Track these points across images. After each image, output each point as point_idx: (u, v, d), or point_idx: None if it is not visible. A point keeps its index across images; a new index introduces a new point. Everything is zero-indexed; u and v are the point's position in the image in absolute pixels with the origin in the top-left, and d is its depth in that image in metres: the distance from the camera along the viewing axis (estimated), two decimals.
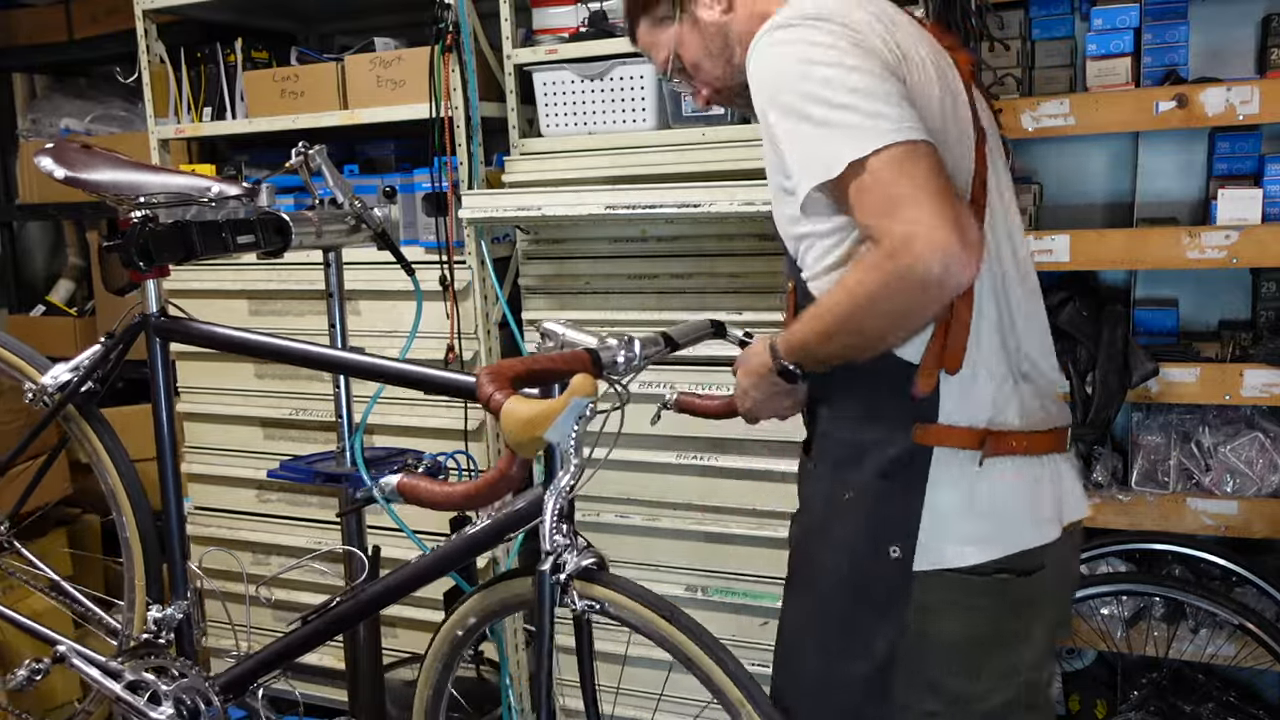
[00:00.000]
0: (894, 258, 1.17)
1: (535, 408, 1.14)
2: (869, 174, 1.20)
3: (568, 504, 1.44)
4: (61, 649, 1.94)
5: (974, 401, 1.36)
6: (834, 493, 1.43)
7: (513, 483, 1.21)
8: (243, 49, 2.92)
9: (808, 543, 1.50)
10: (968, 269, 1.17)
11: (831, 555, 1.43)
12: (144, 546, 2.00)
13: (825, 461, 1.46)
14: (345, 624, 1.80)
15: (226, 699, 1.84)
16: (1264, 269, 2.40)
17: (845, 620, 1.43)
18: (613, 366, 1.44)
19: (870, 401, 1.40)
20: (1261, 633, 2.17)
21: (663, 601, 1.46)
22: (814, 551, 1.47)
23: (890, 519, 1.38)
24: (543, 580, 1.43)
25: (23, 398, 2.01)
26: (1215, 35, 2.46)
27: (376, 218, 2.07)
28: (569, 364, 1.35)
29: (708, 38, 1.47)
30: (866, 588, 1.40)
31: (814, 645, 1.47)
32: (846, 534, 1.41)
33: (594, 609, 1.46)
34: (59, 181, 1.85)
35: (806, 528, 1.52)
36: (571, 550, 1.45)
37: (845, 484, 1.42)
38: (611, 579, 1.47)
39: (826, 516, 1.45)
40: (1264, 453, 2.33)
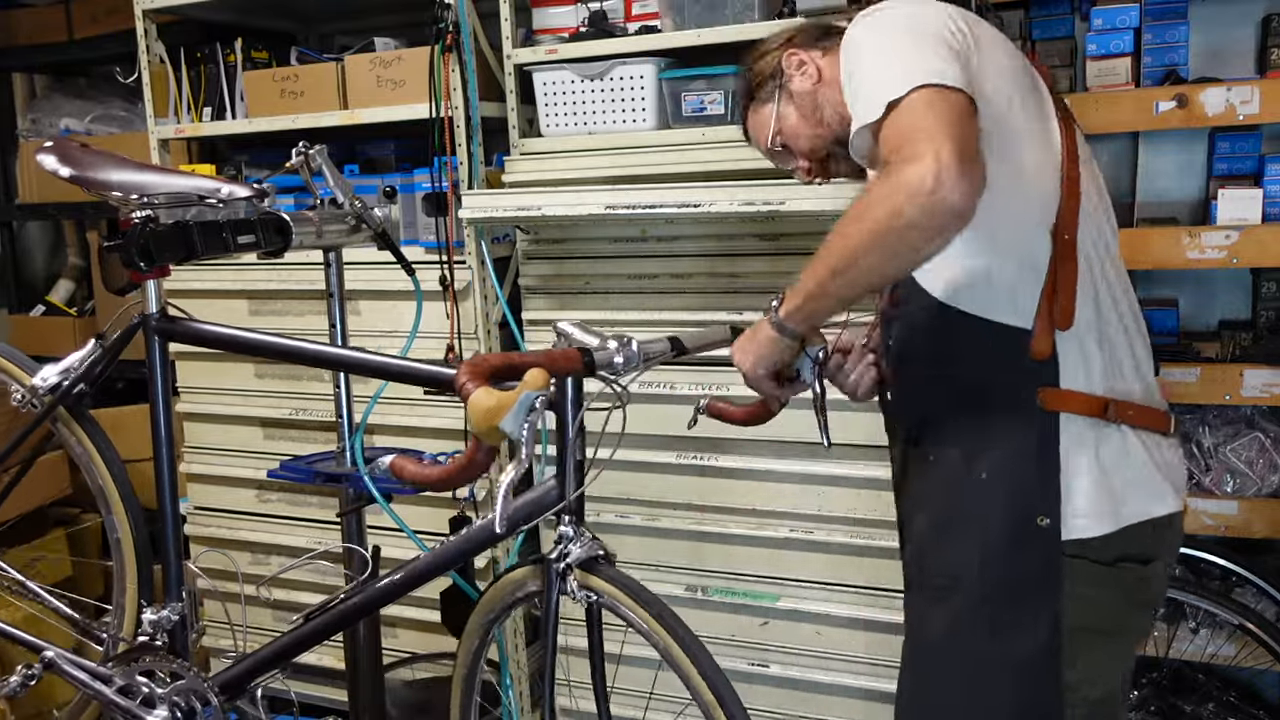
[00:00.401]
0: (895, 174, 1.20)
1: (495, 399, 1.23)
2: (899, 112, 1.25)
3: (577, 500, 1.53)
4: (49, 655, 1.93)
5: (1091, 367, 1.38)
6: (966, 476, 1.42)
7: (480, 467, 1.30)
8: (243, 49, 2.92)
9: (940, 535, 1.46)
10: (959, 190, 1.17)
11: (975, 540, 1.41)
12: (136, 547, 2.00)
13: (948, 446, 1.45)
14: (344, 623, 1.80)
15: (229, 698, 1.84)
16: (1264, 269, 2.40)
17: (1003, 604, 1.40)
18: (608, 366, 1.46)
19: (989, 376, 1.40)
20: (1261, 633, 2.17)
21: (650, 596, 1.50)
22: (951, 541, 1.44)
23: (1033, 490, 1.38)
24: (549, 567, 1.52)
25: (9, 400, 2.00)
26: (1215, 35, 2.46)
27: (377, 218, 2.07)
28: (556, 361, 1.41)
29: (801, 105, 1.57)
30: (1019, 564, 1.39)
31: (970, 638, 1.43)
32: (989, 513, 1.40)
33: (591, 599, 1.52)
34: (63, 179, 1.84)
35: (935, 521, 1.47)
36: (577, 542, 1.52)
37: (977, 463, 1.41)
38: (608, 572, 1.52)
39: (960, 502, 1.43)
40: (1264, 453, 2.33)
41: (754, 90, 1.62)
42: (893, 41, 1.34)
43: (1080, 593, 1.39)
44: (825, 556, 2.40)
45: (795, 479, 2.38)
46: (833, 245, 1.28)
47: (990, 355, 1.40)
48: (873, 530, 2.37)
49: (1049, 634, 1.38)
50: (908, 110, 1.25)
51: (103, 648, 2.06)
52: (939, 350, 1.43)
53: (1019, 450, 1.38)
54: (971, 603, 1.42)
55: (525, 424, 1.24)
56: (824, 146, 1.57)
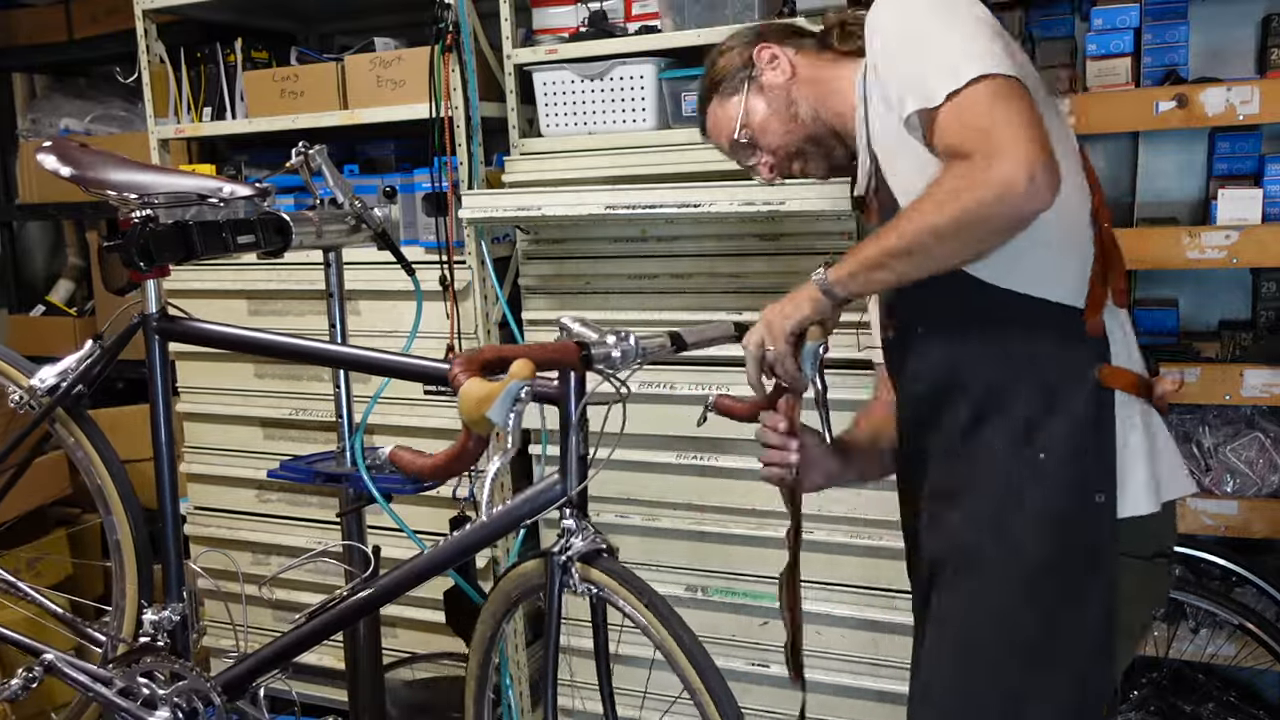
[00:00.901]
0: (984, 169, 1.22)
1: (484, 389, 1.28)
2: (966, 102, 1.26)
3: (579, 494, 1.56)
4: (49, 657, 1.93)
5: (1130, 346, 1.44)
6: (1022, 460, 1.40)
7: (471, 456, 1.35)
8: (243, 49, 2.92)
9: (990, 524, 1.42)
10: (1048, 191, 1.23)
11: (1032, 522, 1.39)
12: (136, 548, 2.00)
13: (1003, 430, 1.42)
14: (345, 623, 1.80)
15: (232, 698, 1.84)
16: (1264, 269, 2.40)
17: (1059, 584, 1.40)
18: (606, 361, 1.47)
19: (1049, 355, 1.40)
20: (1261, 633, 2.17)
21: (647, 590, 1.52)
22: (1004, 528, 1.41)
23: (1090, 466, 1.38)
24: (552, 560, 1.54)
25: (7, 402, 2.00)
26: (1215, 35, 2.46)
27: (377, 218, 2.07)
28: (554, 355, 1.44)
29: (772, 100, 1.56)
30: (1076, 545, 1.39)
31: (1027, 618, 1.41)
32: (1049, 495, 1.39)
33: (591, 593, 1.54)
34: (64, 179, 1.84)
35: (983, 511, 1.43)
36: (579, 535, 1.54)
37: (1035, 446, 1.40)
38: (609, 565, 1.53)
39: (1016, 487, 1.41)
40: (1264, 453, 2.32)
41: (718, 84, 1.61)
42: (938, 24, 1.34)
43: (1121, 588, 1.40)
44: (825, 556, 2.40)
45: None
46: (906, 225, 1.29)
47: (1049, 334, 1.40)
48: (873, 530, 2.37)
49: (1103, 613, 1.39)
50: (975, 101, 1.26)
51: (102, 649, 2.06)
52: (994, 333, 1.41)
53: (1078, 426, 1.38)
54: (1026, 585, 1.40)
55: (512, 413, 1.27)
56: (794, 143, 1.56)
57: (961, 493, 1.46)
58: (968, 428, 1.44)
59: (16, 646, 2.08)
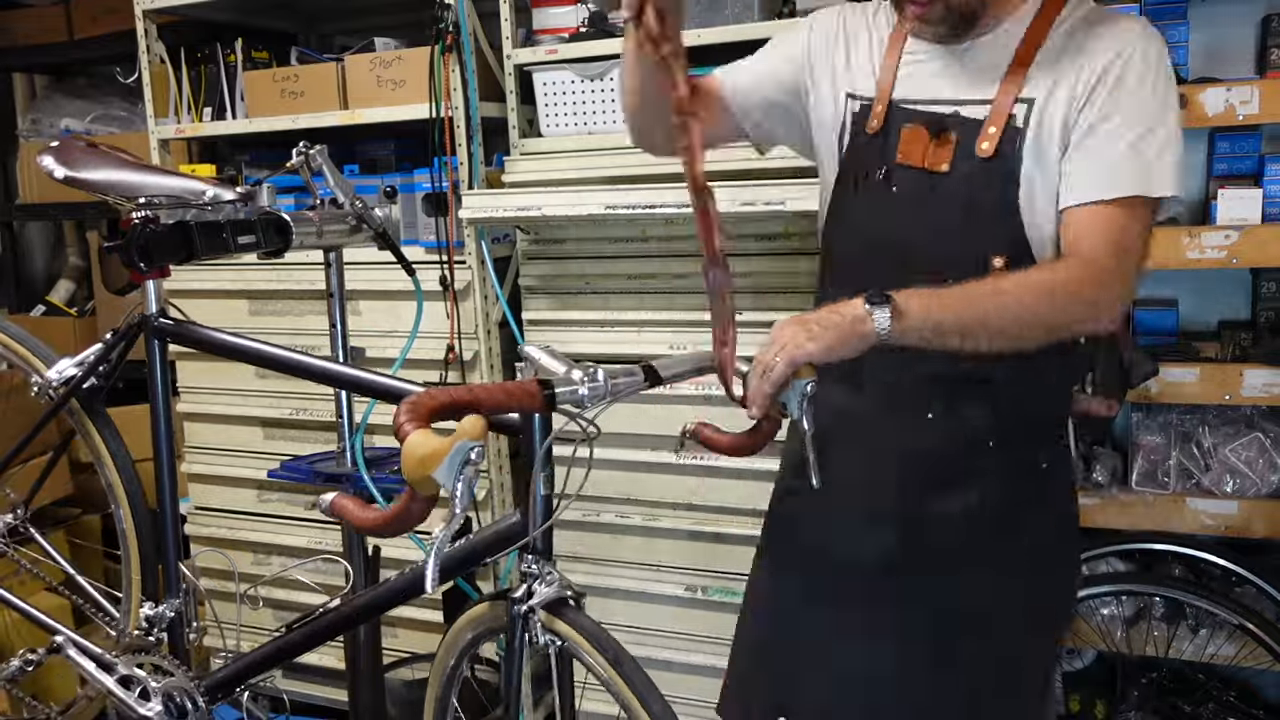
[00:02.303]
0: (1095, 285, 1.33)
1: (429, 446, 1.13)
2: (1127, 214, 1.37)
3: (542, 536, 1.43)
4: (59, 639, 1.94)
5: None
6: (1026, 467, 1.52)
7: (415, 518, 1.18)
8: (243, 49, 2.92)
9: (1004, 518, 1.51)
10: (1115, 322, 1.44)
11: (1047, 512, 1.56)
12: (139, 543, 2.01)
13: (1015, 439, 1.50)
14: (337, 630, 1.79)
15: (214, 699, 1.84)
16: (1264, 269, 2.40)
17: (1068, 564, 1.64)
18: (572, 399, 1.32)
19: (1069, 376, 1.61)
20: (1261, 633, 2.17)
21: (614, 646, 1.41)
22: (1021, 521, 1.52)
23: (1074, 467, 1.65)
24: (511, 606, 1.44)
25: (27, 394, 2.02)
26: (1215, 35, 2.46)
27: (377, 218, 2.07)
28: (512, 397, 1.29)
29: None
30: (1070, 529, 1.62)
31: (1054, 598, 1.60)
32: (1053, 493, 1.57)
33: (554, 644, 1.43)
34: (58, 181, 1.85)
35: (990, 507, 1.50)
36: (543, 582, 1.42)
37: (1039, 455, 1.54)
38: (573, 616, 1.43)
39: (1023, 489, 1.52)
40: (1264, 453, 2.32)
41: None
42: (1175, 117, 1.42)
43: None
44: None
45: None
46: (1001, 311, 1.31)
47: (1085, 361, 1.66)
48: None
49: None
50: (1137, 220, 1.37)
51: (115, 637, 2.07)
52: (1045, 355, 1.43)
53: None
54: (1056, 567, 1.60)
55: (460, 478, 1.13)
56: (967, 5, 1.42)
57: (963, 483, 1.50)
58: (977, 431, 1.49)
59: (34, 623, 2.09)
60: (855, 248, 1.54)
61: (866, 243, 1.52)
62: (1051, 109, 1.40)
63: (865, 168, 1.50)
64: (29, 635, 2.67)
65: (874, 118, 1.50)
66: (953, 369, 1.41)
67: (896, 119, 1.48)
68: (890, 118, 1.48)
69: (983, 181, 1.42)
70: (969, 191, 1.43)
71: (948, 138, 1.44)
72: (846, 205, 1.55)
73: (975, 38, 1.45)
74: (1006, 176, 1.41)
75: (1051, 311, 1.31)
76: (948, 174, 1.44)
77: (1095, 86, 1.38)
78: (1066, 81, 1.40)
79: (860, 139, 1.52)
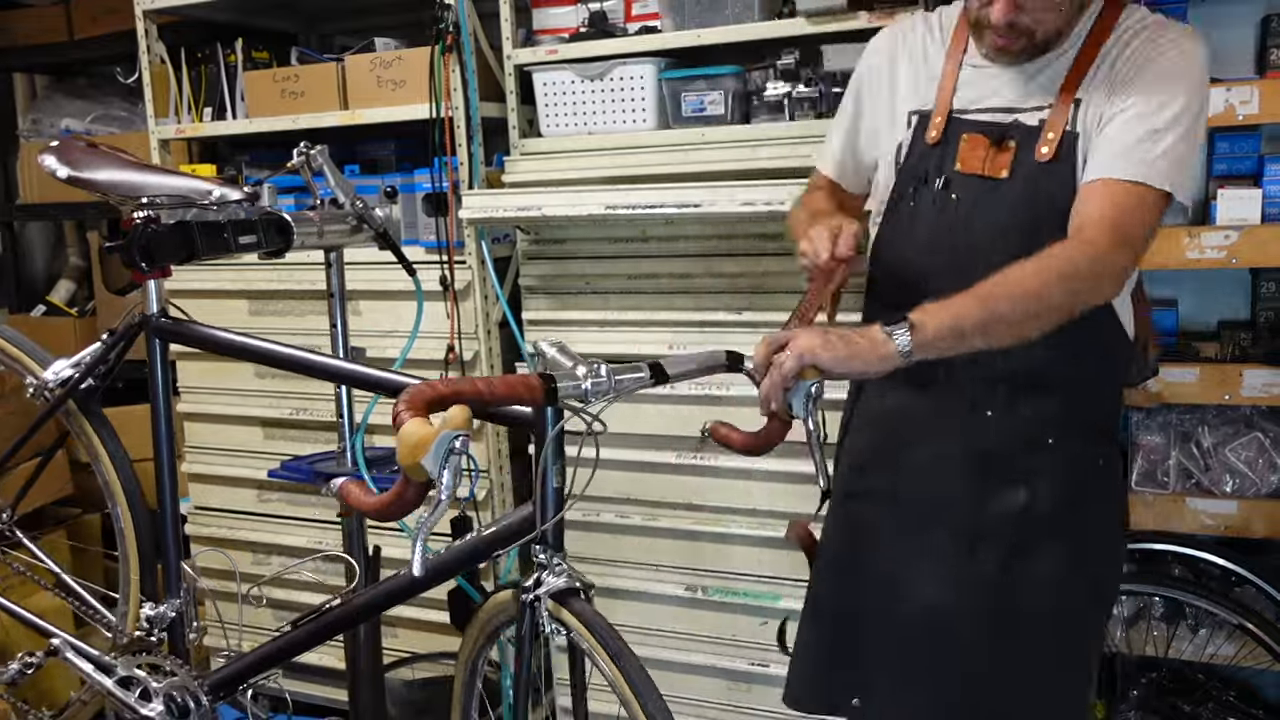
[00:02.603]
0: (1093, 262, 1.38)
1: (422, 432, 1.17)
2: (1142, 199, 1.42)
3: (553, 528, 1.46)
4: (56, 642, 1.94)
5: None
6: (1086, 464, 1.58)
7: (409, 504, 1.22)
8: (243, 49, 2.92)
9: (1061, 519, 1.56)
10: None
11: (1103, 511, 1.61)
12: (138, 544, 2.01)
13: (1074, 437, 1.57)
14: (337, 630, 1.79)
15: (216, 698, 1.84)
16: (1264, 269, 2.40)
17: (1120, 558, 1.70)
18: (575, 394, 1.35)
19: (1120, 375, 1.65)
20: (1261, 633, 2.17)
21: (616, 641, 1.42)
22: (1080, 521, 1.57)
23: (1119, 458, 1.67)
24: (519, 596, 1.46)
25: (24, 395, 2.02)
26: (1215, 35, 2.45)
27: (378, 218, 2.07)
28: (513, 390, 1.32)
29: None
30: (1122, 523, 1.69)
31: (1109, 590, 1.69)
32: (1110, 491, 1.63)
33: (559, 633, 1.45)
34: (61, 180, 1.85)
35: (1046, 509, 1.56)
36: (553, 572, 1.45)
37: (1098, 453, 1.59)
38: (579, 607, 1.44)
39: (1084, 486, 1.58)
40: (1264, 453, 2.32)
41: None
42: (1192, 121, 1.45)
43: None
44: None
45: (795, 479, 2.38)
46: (1013, 302, 1.36)
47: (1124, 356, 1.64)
48: None
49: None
50: (1145, 208, 1.42)
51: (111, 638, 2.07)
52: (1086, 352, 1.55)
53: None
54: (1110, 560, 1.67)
55: (445, 466, 1.16)
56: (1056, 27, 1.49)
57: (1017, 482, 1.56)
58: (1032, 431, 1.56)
59: (29, 626, 2.09)
60: (912, 253, 1.58)
61: (924, 247, 1.56)
62: (1097, 106, 1.47)
63: (925, 176, 1.56)
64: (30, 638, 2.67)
65: (933, 128, 1.56)
66: (1007, 367, 1.49)
67: (955, 129, 1.55)
68: (949, 128, 1.55)
69: (1043, 184, 1.49)
70: (1030, 195, 1.49)
71: (1008, 145, 1.51)
72: (904, 212, 1.60)
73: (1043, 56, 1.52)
74: (1065, 178, 1.48)
75: (1058, 294, 1.36)
76: (1008, 179, 1.50)
77: (1130, 76, 1.46)
78: (1113, 81, 1.48)
79: (918, 148, 1.58)
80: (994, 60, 1.54)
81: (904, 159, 1.60)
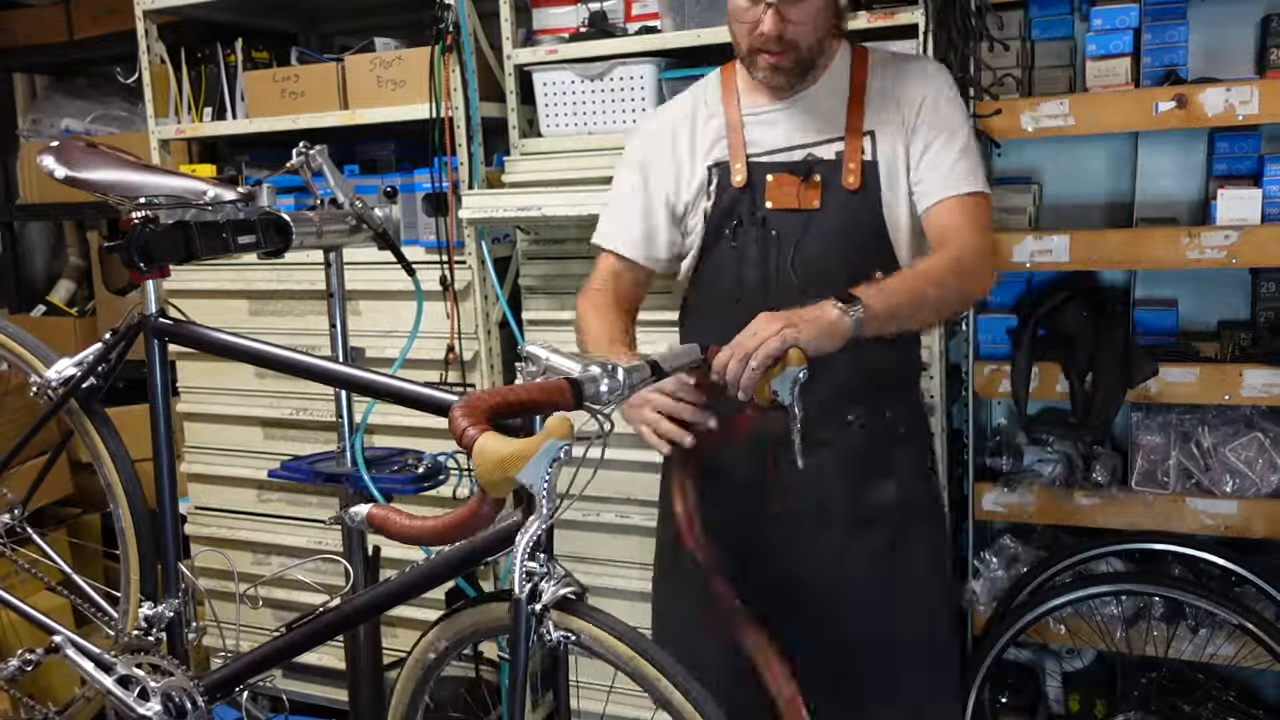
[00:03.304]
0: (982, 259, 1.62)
1: (509, 447, 1.12)
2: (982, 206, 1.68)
3: (545, 533, 1.40)
4: (58, 639, 1.94)
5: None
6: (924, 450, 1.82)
7: (483, 521, 1.18)
8: (243, 49, 2.92)
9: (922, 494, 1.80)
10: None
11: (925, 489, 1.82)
12: (138, 543, 2.00)
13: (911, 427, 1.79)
14: (337, 630, 1.79)
15: (213, 699, 1.84)
16: (1264, 269, 2.40)
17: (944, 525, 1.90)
18: (595, 397, 1.34)
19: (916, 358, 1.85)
20: (1261, 633, 2.17)
21: (638, 635, 1.41)
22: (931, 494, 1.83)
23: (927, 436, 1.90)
24: (519, 608, 1.39)
25: (26, 394, 2.02)
26: (1215, 35, 2.46)
27: (377, 218, 2.07)
28: (547, 395, 1.29)
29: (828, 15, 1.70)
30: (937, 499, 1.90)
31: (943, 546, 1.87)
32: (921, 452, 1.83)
33: (569, 640, 1.41)
34: (59, 180, 1.85)
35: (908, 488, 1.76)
36: (549, 579, 1.39)
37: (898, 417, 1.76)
38: (589, 611, 1.41)
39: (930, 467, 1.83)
40: (1264, 453, 2.32)
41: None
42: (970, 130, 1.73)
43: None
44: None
45: None
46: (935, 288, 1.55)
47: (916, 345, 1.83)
48: None
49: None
50: (985, 209, 1.68)
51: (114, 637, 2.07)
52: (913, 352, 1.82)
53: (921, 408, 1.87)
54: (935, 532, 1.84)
55: (547, 476, 1.13)
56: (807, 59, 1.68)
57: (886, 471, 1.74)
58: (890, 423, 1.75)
59: (32, 622, 2.09)
60: (738, 283, 1.72)
61: (751, 277, 1.70)
62: (890, 139, 1.68)
63: (738, 216, 1.70)
64: (29, 635, 2.67)
65: (736, 174, 1.71)
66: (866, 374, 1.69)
67: (758, 172, 1.71)
68: (752, 172, 1.71)
69: (855, 210, 1.67)
70: (845, 220, 1.67)
71: (814, 179, 1.68)
72: (723, 250, 1.74)
73: (805, 89, 1.71)
74: (873, 202, 1.68)
75: (963, 284, 1.59)
76: (821, 209, 1.67)
77: (920, 114, 1.68)
78: (894, 115, 1.69)
79: (727, 194, 1.72)
80: (768, 82, 1.69)
81: (714, 205, 1.73)
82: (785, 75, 1.68)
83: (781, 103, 1.72)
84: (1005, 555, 2.53)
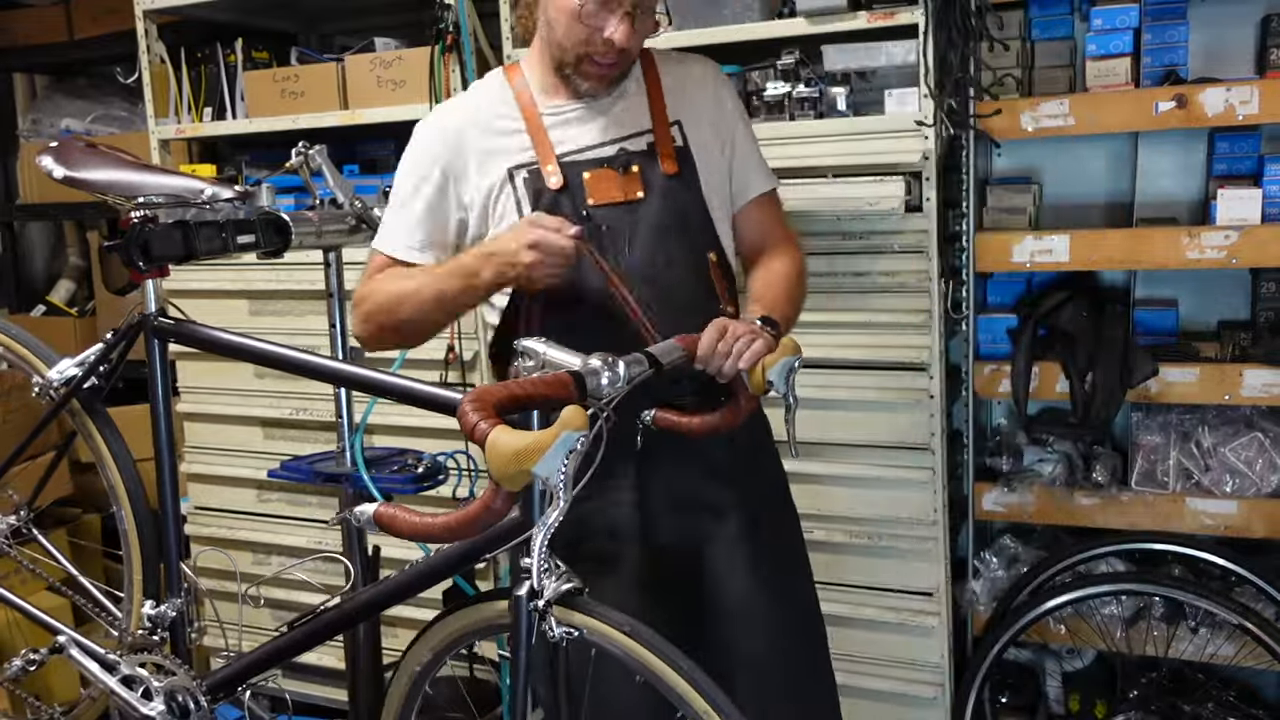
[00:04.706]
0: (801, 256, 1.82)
1: (523, 440, 1.11)
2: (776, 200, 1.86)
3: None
4: (61, 639, 1.94)
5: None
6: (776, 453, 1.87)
7: (496, 516, 1.17)
8: (243, 49, 2.92)
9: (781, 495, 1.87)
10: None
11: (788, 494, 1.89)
12: (141, 543, 2.01)
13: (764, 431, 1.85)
14: (337, 629, 1.79)
15: (216, 699, 1.84)
16: (1264, 269, 2.39)
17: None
18: (596, 390, 1.34)
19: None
20: (1261, 633, 2.17)
21: (643, 629, 1.40)
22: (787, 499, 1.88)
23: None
24: (519, 605, 1.38)
25: (29, 394, 2.02)
26: (1215, 35, 2.46)
27: (377, 218, 2.07)
28: (552, 389, 1.28)
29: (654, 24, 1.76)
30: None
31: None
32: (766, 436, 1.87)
33: (572, 636, 1.40)
34: (57, 181, 1.85)
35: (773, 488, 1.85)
36: (550, 575, 1.37)
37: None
38: (591, 606, 1.40)
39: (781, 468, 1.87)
40: (1264, 453, 2.32)
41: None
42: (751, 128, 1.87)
43: None
44: (825, 556, 2.40)
45: (794, 479, 2.37)
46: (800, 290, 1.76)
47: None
48: (872, 529, 2.37)
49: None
50: (779, 203, 1.86)
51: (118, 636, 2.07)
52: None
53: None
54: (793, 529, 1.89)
55: (564, 468, 1.12)
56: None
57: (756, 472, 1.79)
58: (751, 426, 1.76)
59: (36, 622, 2.09)
60: (578, 279, 1.63)
61: (587, 278, 1.63)
62: (695, 127, 1.73)
63: (562, 217, 1.61)
64: (31, 635, 2.67)
65: (550, 176, 1.66)
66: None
67: (573, 170, 1.67)
68: (567, 171, 1.67)
69: (677, 194, 1.69)
70: (670, 205, 1.68)
71: (633, 170, 1.67)
72: None
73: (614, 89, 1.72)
74: (692, 184, 1.71)
75: (805, 288, 1.77)
76: (645, 199, 1.67)
77: (714, 108, 1.77)
78: (692, 105, 1.75)
79: (545, 196, 1.66)
80: (589, 90, 1.69)
81: (533, 209, 1.64)
82: (608, 83, 1.68)
83: (582, 101, 1.69)
84: (1005, 555, 2.53)
